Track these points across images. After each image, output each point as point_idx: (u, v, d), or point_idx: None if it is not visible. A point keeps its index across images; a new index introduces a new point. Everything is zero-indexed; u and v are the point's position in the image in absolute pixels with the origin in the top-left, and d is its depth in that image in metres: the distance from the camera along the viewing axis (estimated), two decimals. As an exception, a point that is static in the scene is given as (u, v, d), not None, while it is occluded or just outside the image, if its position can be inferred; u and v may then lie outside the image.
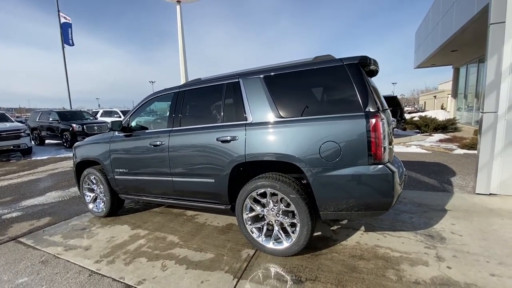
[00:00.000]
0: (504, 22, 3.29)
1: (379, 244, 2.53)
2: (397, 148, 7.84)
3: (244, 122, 2.47)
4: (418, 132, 11.82)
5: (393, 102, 10.58)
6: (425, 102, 44.59)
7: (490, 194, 3.63)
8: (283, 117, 2.32)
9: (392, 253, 2.36)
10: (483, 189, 3.65)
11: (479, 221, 2.90)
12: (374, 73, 2.62)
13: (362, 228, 2.88)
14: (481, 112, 3.62)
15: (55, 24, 16.58)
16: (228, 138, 2.48)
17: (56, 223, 3.50)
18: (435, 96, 37.70)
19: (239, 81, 2.59)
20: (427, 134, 11.09)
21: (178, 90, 3.00)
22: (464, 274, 2.02)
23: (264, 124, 2.37)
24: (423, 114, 14.65)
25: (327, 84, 2.29)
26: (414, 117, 13.72)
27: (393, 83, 65.35)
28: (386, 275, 2.06)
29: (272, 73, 2.45)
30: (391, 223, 2.96)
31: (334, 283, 2.01)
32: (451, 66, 16.00)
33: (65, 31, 17.00)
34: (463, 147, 7.48)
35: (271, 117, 2.36)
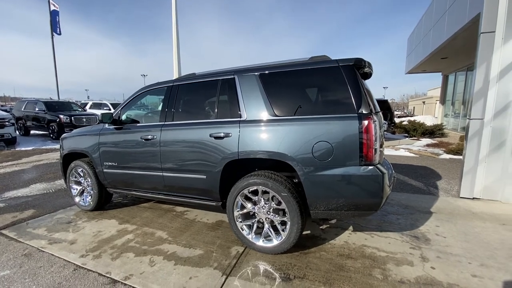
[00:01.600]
0: (494, 31, 3.40)
1: (367, 244, 2.58)
2: (386, 151, 8.00)
3: (238, 119, 2.46)
4: (407, 136, 12.08)
5: (384, 106, 10.77)
6: (414, 107, 45.61)
7: (474, 198, 3.75)
8: (277, 116, 2.33)
9: (379, 253, 2.41)
10: (467, 193, 3.77)
11: (462, 223, 3.00)
12: (368, 75, 2.66)
13: (351, 228, 2.93)
14: (468, 118, 3.73)
15: (45, 10, 16.06)
16: (222, 134, 2.47)
17: (41, 216, 3.40)
18: (423, 102, 38.61)
19: (234, 77, 2.58)
20: (415, 138, 11.35)
21: (172, 84, 2.96)
22: (447, 275, 2.09)
23: (258, 122, 2.37)
24: (412, 118, 14.97)
25: (322, 85, 2.31)
26: (403, 121, 14.01)
27: (384, 87, 66.61)
28: (373, 274, 2.10)
29: (268, 71, 2.45)
30: (378, 223, 3.02)
31: (322, 281, 2.03)
32: (441, 73, 16.43)
33: (54, 19, 16.48)
34: (449, 152, 7.70)
35: (265, 115, 2.37)
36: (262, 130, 2.33)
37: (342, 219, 3.11)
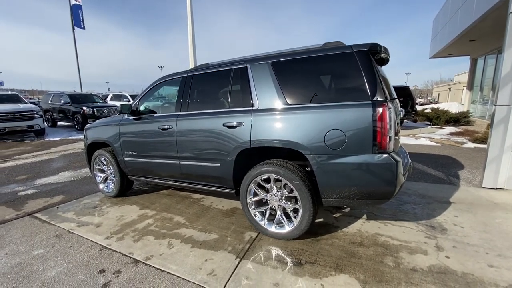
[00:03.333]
0: (526, 10, 3.14)
1: (380, 232, 2.57)
2: (405, 140, 7.74)
3: (251, 108, 2.49)
4: (429, 125, 11.57)
5: (405, 93, 10.33)
6: (439, 94, 43.27)
7: (497, 188, 3.59)
8: (289, 104, 2.33)
9: (392, 241, 2.40)
10: (491, 183, 3.61)
11: (482, 214, 2.90)
12: (384, 61, 2.58)
13: (364, 216, 2.92)
14: (494, 104, 3.53)
15: (68, 6, 16.58)
16: (235, 123, 2.51)
17: (69, 201, 3.66)
18: (449, 88, 36.49)
19: (246, 66, 2.59)
20: (438, 126, 10.86)
21: (186, 75, 3.02)
22: (462, 264, 2.05)
23: (271, 110, 2.38)
24: (435, 106, 14.27)
25: (335, 71, 2.27)
26: (426, 109, 13.40)
27: (407, 73, 63.36)
28: (384, 262, 2.11)
29: (280, 59, 2.44)
30: (393, 213, 2.99)
31: (333, 266, 2.07)
32: (469, 57, 15.39)
33: (76, 13, 17.00)
34: (474, 140, 7.32)
35: (277, 104, 2.37)
36: (274, 119, 2.35)
37: (355, 208, 3.11)
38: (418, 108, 14.56)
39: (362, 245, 2.36)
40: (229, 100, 2.67)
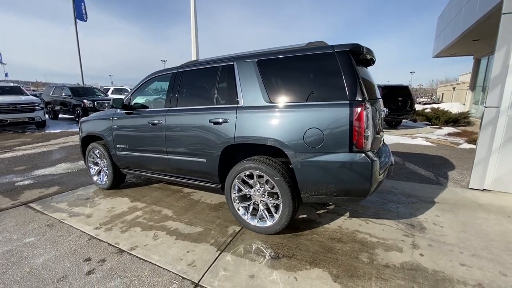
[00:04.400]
0: (516, 12, 3.13)
1: (360, 229, 2.64)
2: (401, 140, 7.75)
3: (236, 105, 2.55)
4: (428, 124, 11.54)
5: (404, 92, 10.29)
6: (443, 93, 42.79)
7: (484, 189, 3.63)
8: (272, 102, 2.38)
9: (370, 239, 2.47)
10: (477, 184, 3.64)
11: (464, 214, 2.95)
12: (369, 62, 2.61)
13: (347, 213, 2.98)
14: (484, 106, 3.54)
15: (70, -3, 16.60)
16: (220, 120, 2.57)
17: (63, 192, 3.77)
18: (454, 88, 36.08)
19: (233, 64, 2.64)
20: (437, 127, 10.82)
21: (176, 71, 3.08)
22: (434, 262, 2.11)
23: (254, 108, 2.44)
24: (435, 106, 14.17)
25: (317, 71, 2.30)
26: (426, 108, 13.32)
27: (411, 72, 62.74)
28: (359, 258, 2.18)
29: (265, 58, 2.48)
30: (376, 211, 3.04)
31: (309, 261, 2.14)
32: (472, 57, 15.23)
33: (78, 5, 17.02)
34: (470, 141, 7.31)
35: (261, 101, 2.43)
36: (257, 116, 2.40)
37: (340, 205, 3.17)
38: (419, 107, 14.48)
39: (340, 241, 2.43)
40: (216, 96, 2.73)
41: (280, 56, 2.42)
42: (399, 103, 10.01)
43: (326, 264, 2.10)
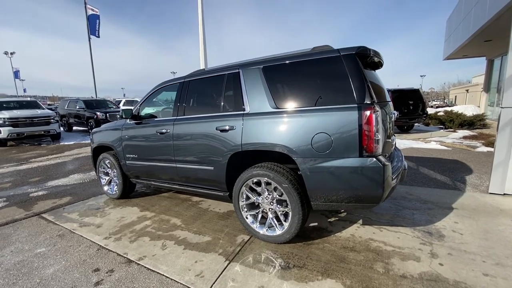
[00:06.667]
0: (530, 9, 3.03)
1: (374, 237, 2.53)
2: (414, 144, 7.54)
3: (242, 112, 2.53)
4: (442, 128, 11.21)
5: (415, 96, 10.07)
6: (456, 96, 41.75)
7: (505, 194, 3.44)
8: (279, 108, 2.35)
9: (385, 247, 2.36)
10: (497, 188, 3.46)
11: (485, 220, 2.79)
12: (378, 65, 2.56)
13: (360, 221, 2.88)
14: (500, 107, 3.40)
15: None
16: (227, 127, 2.56)
17: (75, 202, 3.82)
18: (467, 90, 35.14)
19: (239, 71, 2.65)
20: (451, 130, 10.49)
21: (183, 80, 3.11)
22: (456, 272, 1.99)
23: (261, 114, 2.42)
24: (448, 109, 13.80)
25: (323, 75, 2.27)
26: (439, 112, 12.98)
27: (422, 75, 61.69)
28: (374, 268, 2.08)
29: (270, 64, 2.48)
30: (391, 218, 2.92)
31: (320, 271, 2.06)
32: (485, 58, 14.85)
33: (93, 22, 17.76)
34: (488, 144, 7.02)
35: (267, 107, 2.41)
36: (264, 122, 2.38)
37: (352, 213, 3.07)
38: (432, 111, 14.13)
39: (353, 250, 2.33)
40: (222, 104, 2.73)
41: (286, 62, 2.40)
42: (410, 107, 9.79)
43: (339, 275, 2.01)
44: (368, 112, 1.97)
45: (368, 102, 2.00)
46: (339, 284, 1.91)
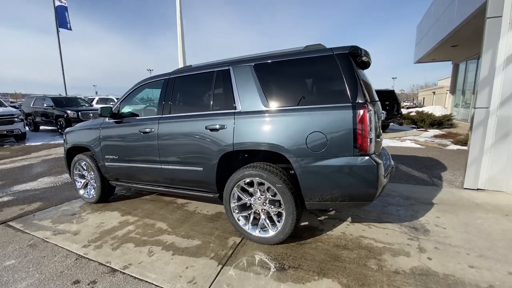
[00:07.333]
0: (501, 16, 3.25)
1: (364, 235, 2.57)
2: (391, 143, 7.87)
3: (233, 111, 2.46)
4: (414, 127, 11.85)
5: (390, 97, 10.55)
6: (424, 98, 44.45)
7: (478, 189, 3.68)
8: (271, 107, 2.31)
9: (376, 244, 2.40)
10: (471, 184, 3.69)
11: (464, 215, 2.95)
12: (366, 65, 2.60)
13: (349, 219, 2.91)
14: (473, 107, 3.62)
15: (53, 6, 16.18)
16: (217, 126, 2.47)
17: (47, 208, 3.51)
18: (434, 92, 37.57)
19: (229, 69, 2.56)
20: (423, 129, 11.12)
21: (168, 77, 2.96)
22: (444, 265, 2.06)
23: (253, 113, 2.35)
24: (420, 109, 14.64)
25: (316, 74, 2.26)
26: (411, 112, 13.71)
27: (393, 78, 65.02)
28: (368, 265, 2.10)
29: (262, 62, 2.42)
30: (377, 215, 3.00)
31: (316, 271, 2.04)
32: (451, 62, 15.92)
33: (61, 14, 16.59)
34: (456, 143, 7.52)
35: (260, 106, 2.35)
36: (257, 121, 2.32)
37: (340, 211, 3.10)
38: (404, 111, 14.90)
39: (346, 248, 2.35)
40: (211, 102, 2.63)
41: (278, 60, 2.36)
42: (387, 107, 10.23)
43: (334, 274, 2.00)
44: (362, 111, 1.99)
45: (362, 101, 2.02)
46: (336, 284, 1.90)
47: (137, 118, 3.18)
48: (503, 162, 3.49)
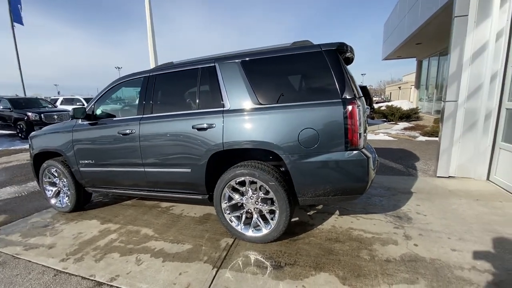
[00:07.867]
0: (467, 15, 3.50)
1: (353, 226, 2.65)
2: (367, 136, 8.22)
3: (222, 109, 2.38)
4: (385, 121, 12.49)
5: (364, 92, 10.96)
6: (390, 93, 47.11)
7: (450, 176, 3.96)
8: (261, 104, 2.27)
9: (365, 235, 2.48)
10: (444, 172, 3.96)
11: (440, 201, 3.15)
12: (350, 60, 2.66)
13: (337, 212, 2.99)
14: (443, 101, 3.88)
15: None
16: (205, 125, 2.38)
17: (13, 221, 3.18)
18: (399, 87, 39.96)
19: (215, 65, 2.48)
20: (393, 122, 11.76)
21: (148, 75, 2.80)
22: (429, 251, 2.19)
23: (242, 111, 2.30)
24: (389, 103, 15.46)
25: (305, 70, 2.27)
26: (382, 106, 14.43)
27: (363, 74, 68.07)
28: (360, 256, 2.16)
29: (249, 58, 2.37)
30: (363, 206, 3.10)
31: (313, 266, 2.06)
32: (415, 59, 16.98)
33: (15, 7, 15.10)
34: (424, 134, 8.05)
35: (249, 103, 2.30)
36: (247, 119, 2.27)
37: (328, 204, 3.17)
38: (375, 106, 15.64)
39: (338, 241, 2.40)
40: (197, 101, 2.53)
41: (266, 56, 2.33)
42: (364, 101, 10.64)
43: (330, 267, 2.04)
44: (351, 107, 2.02)
45: (351, 97, 2.06)
46: (333, 277, 1.93)
47: (115, 119, 2.98)
48: (470, 151, 3.79)
